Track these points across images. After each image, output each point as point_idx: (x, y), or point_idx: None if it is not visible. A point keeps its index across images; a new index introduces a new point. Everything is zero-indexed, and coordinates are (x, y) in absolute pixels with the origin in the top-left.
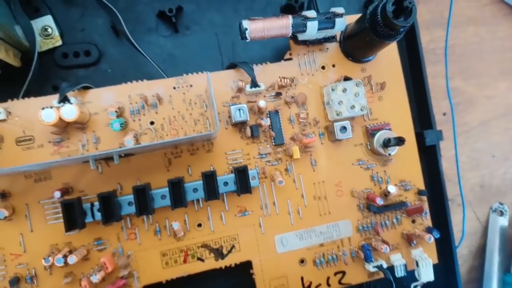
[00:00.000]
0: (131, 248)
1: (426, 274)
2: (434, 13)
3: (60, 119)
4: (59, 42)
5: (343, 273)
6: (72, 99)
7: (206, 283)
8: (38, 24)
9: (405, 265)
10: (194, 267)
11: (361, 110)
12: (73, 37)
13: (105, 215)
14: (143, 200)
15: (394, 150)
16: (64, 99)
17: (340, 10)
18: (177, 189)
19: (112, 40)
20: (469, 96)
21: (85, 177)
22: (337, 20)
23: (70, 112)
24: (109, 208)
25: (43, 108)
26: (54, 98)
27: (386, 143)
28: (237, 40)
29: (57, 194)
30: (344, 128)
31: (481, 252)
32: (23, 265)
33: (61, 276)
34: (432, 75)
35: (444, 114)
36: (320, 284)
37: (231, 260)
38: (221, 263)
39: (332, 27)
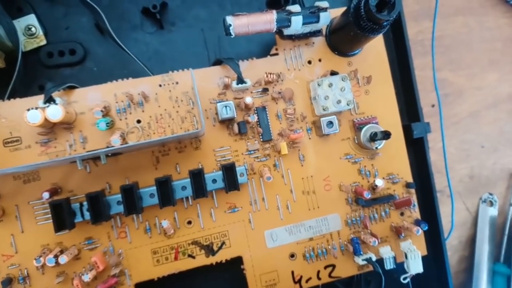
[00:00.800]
0: (122, 246)
1: (415, 266)
2: (422, 3)
3: (46, 119)
4: (44, 42)
5: (333, 266)
6: (57, 99)
7: (197, 280)
8: (21, 23)
9: (394, 258)
10: (185, 264)
11: (348, 104)
12: (58, 36)
13: (94, 214)
14: (131, 200)
15: (381, 144)
16: (49, 100)
17: (324, 4)
18: (165, 188)
19: (97, 38)
20: (458, 87)
21: (73, 177)
22: (322, 14)
23: (55, 112)
24: (98, 207)
25: (28, 109)
26: (39, 99)
27: (373, 137)
28: (223, 36)
29: (46, 195)
30: (330, 123)
31: (471, 242)
32: (15, 266)
33: (53, 276)
34: (421, 66)
35: (433, 106)
36: (310, 278)
37: (221, 256)
38: (212, 260)
39: (317, 22)
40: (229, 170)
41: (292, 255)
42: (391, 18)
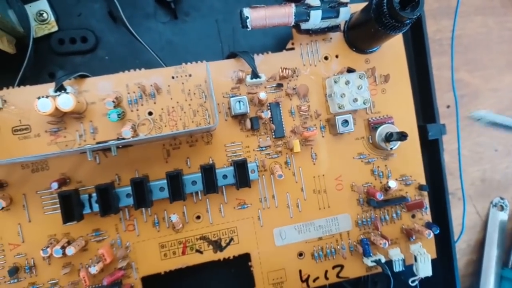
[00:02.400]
0: (130, 239)
1: (424, 269)
2: (442, 2)
3: (57, 108)
4: (55, 28)
5: (341, 266)
6: (68, 88)
7: (204, 275)
8: (33, 8)
9: (404, 260)
10: (193, 259)
11: (364, 103)
12: (70, 22)
13: (103, 207)
14: (141, 193)
15: (396, 145)
16: (60, 88)
17: None
18: (175, 182)
19: (110, 26)
20: (474, 89)
21: (82, 167)
22: (342, 9)
23: (66, 102)
24: (107, 200)
25: (38, 98)
26: (50, 87)
27: (388, 138)
28: (238, 27)
29: (55, 185)
30: (345, 122)
31: (479, 246)
32: (21, 255)
33: (59, 267)
34: (437, 66)
35: (448, 106)
36: (318, 277)
37: (229, 252)
38: (220, 255)
39: (336, 17)
40: (240, 167)
41: (300, 254)
42: (415, 16)
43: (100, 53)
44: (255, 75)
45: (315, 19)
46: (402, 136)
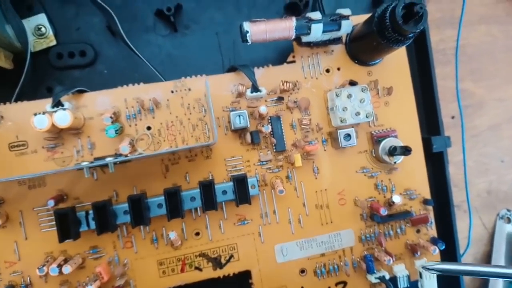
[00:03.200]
0: (128, 256)
1: (430, 286)
2: (445, 11)
3: (53, 125)
4: (53, 42)
5: (345, 283)
6: (66, 104)
7: None
8: (31, 23)
9: (408, 276)
10: (192, 277)
11: (367, 117)
12: (68, 36)
13: (99, 225)
14: (139, 211)
15: (400, 159)
16: (57, 104)
17: (346, 11)
18: (173, 199)
19: (109, 39)
20: (478, 99)
21: (80, 183)
22: (343, 22)
23: (63, 118)
24: (104, 217)
25: (35, 114)
26: (47, 102)
27: (392, 152)
28: (238, 40)
29: (51, 202)
30: (348, 136)
31: (486, 259)
32: (17, 273)
33: (56, 285)
34: (441, 76)
35: (453, 117)
36: None
37: (229, 269)
38: (219, 273)
39: (338, 30)
40: (240, 183)
41: (302, 271)
42: (418, 30)
43: (99, 67)
44: (255, 88)
45: (316, 33)
46: (406, 150)
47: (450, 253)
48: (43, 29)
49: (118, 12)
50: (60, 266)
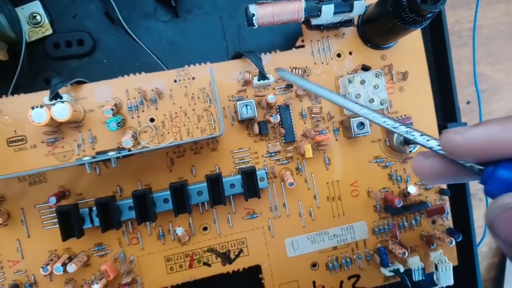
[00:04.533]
0: (134, 253)
1: (446, 278)
2: None
3: (52, 119)
4: (50, 31)
5: (358, 277)
6: (64, 96)
7: None
8: (25, 11)
9: (423, 269)
10: (200, 272)
11: (381, 104)
12: (65, 24)
13: (103, 222)
14: (144, 207)
15: (415, 147)
16: (55, 96)
17: None
18: (179, 194)
19: (107, 27)
20: (495, 83)
21: (82, 179)
22: (356, 2)
23: (62, 111)
24: (108, 214)
25: (32, 108)
26: (45, 95)
27: (407, 140)
28: (243, 24)
29: (53, 199)
30: (361, 124)
31: None
32: (21, 272)
33: (61, 283)
34: (456, 59)
35: (468, 102)
36: None
37: (239, 264)
38: (229, 268)
39: (350, 11)
40: (249, 176)
41: (314, 265)
42: (437, 9)
43: (98, 56)
44: (262, 76)
45: (327, 14)
46: None
47: (466, 244)
48: (38, 17)
49: None
50: (64, 264)
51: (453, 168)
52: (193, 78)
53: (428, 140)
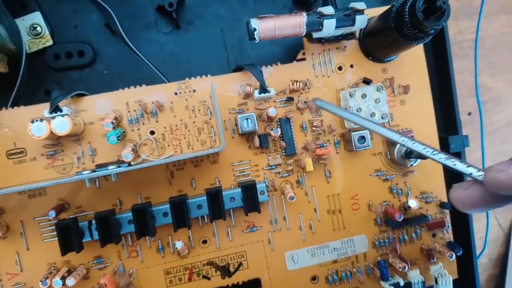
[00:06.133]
0: (133, 266)
1: None
2: (462, 1)
3: (52, 132)
4: (50, 42)
5: None
6: (64, 109)
7: None
8: (25, 22)
9: (423, 282)
10: (200, 286)
11: (382, 118)
12: (65, 35)
13: (103, 237)
14: (143, 221)
15: (416, 161)
16: (55, 109)
17: (361, 5)
18: (179, 209)
19: (108, 38)
20: (496, 94)
21: (82, 192)
22: (358, 17)
23: (62, 125)
24: (107, 229)
25: (32, 121)
26: (45, 107)
27: (408, 155)
28: (244, 36)
29: (52, 213)
30: (362, 138)
31: (501, 260)
32: (20, 285)
33: None
34: (458, 70)
35: (470, 113)
36: None
37: (238, 278)
38: (228, 281)
39: (352, 25)
40: (249, 190)
41: (314, 278)
42: (440, 26)
43: (99, 67)
44: (263, 89)
45: (329, 29)
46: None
47: (466, 257)
48: (38, 28)
49: (117, 8)
50: (63, 278)
51: (494, 197)
52: (194, 91)
53: (468, 167)
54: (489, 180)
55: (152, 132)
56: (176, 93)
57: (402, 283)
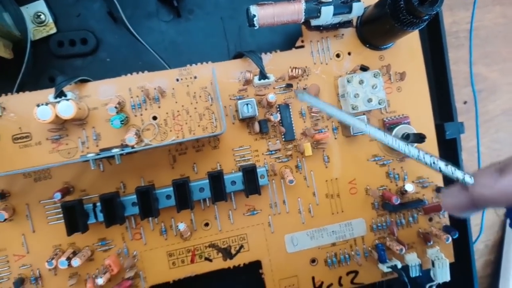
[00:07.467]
0: (137, 248)
1: (443, 274)
2: None
3: (57, 116)
4: (54, 30)
5: (356, 272)
6: (69, 94)
7: (213, 283)
8: (29, 10)
9: (420, 265)
10: (202, 267)
11: (379, 103)
12: (68, 23)
13: (107, 218)
14: (147, 203)
15: (413, 146)
16: (60, 94)
17: None
18: (182, 190)
19: (110, 26)
20: (491, 83)
21: (86, 175)
22: (355, 4)
23: (67, 109)
24: (112, 210)
25: (38, 105)
26: (50, 93)
27: (405, 139)
28: (244, 25)
29: (57, 195)
30: None
31: (497, 246)
32: (27, 266)
33: (66, 277)
34: (453, 60)
35: (465, 102)
36: (331, 284)
37: (239, 260)
38: (230, 263)
39: (349, 12)
40: (249, 173)
41: (313, 260)
42: (434, 12)
43: (101, 55)
44: (263, 75)
45: (327, 16)
46: (420, 138)
47: (462, 242)
48: (42, 16)
49: None
50: (69, 259)
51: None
52: (195, 77)
53: (464, 174)
54: (477, 197)
55: (154, 118)
56: (177, 80)
57: (399, 266)
